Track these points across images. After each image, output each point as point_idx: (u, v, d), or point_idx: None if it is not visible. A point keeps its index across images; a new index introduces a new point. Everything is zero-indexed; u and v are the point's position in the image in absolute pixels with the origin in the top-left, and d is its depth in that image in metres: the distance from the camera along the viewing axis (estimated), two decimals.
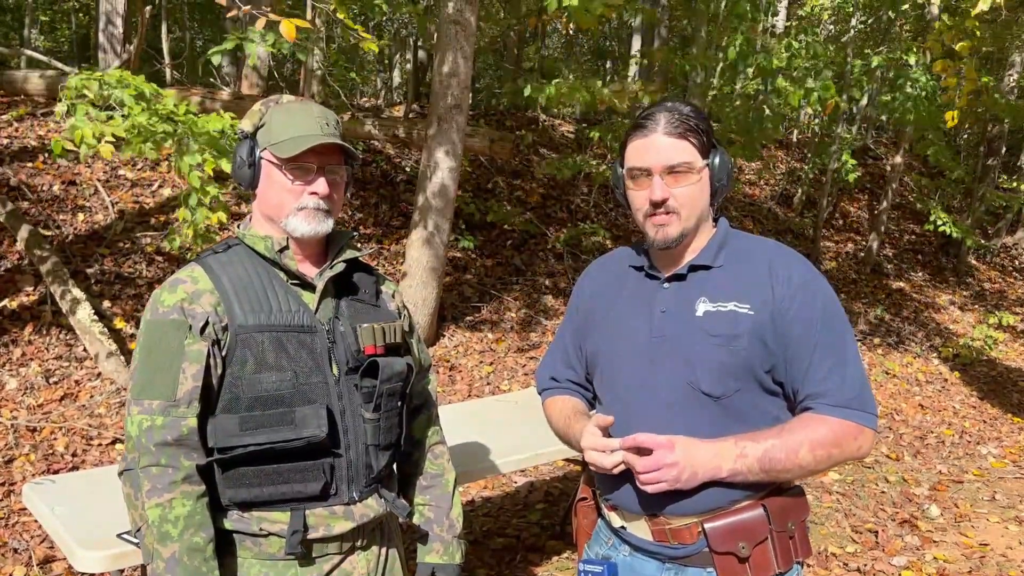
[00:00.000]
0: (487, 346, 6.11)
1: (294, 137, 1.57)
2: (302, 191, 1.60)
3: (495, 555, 3.75)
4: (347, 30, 4.48)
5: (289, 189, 1.60)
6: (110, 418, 4.37)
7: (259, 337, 1.54)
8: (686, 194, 1.55)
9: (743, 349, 1.50)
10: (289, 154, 1.56)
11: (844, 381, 1.51)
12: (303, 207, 1.60)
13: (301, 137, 1.57)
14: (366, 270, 1.77)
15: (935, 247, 11.02)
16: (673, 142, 1.54)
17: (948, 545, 4.16)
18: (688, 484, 1.47)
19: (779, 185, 10.74)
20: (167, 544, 1.45)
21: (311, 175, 1.60)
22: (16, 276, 5.04)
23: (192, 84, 9.51)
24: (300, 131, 1.58)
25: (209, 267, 1.59)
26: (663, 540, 1.57)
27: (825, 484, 4.90)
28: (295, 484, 1.55)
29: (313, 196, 1.60)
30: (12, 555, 3.38)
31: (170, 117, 3.77)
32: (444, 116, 5.52)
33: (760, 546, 1.51)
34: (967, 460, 5.61)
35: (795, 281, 1.53)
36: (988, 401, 7.08)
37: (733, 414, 1.52)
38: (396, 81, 13.32)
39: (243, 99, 6.99)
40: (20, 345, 4.66)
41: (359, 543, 1.66)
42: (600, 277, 1.78)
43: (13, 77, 6.90)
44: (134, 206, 5.93)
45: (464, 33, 5.41)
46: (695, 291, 1.58)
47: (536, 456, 3.06)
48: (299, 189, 1.60)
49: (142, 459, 1.48)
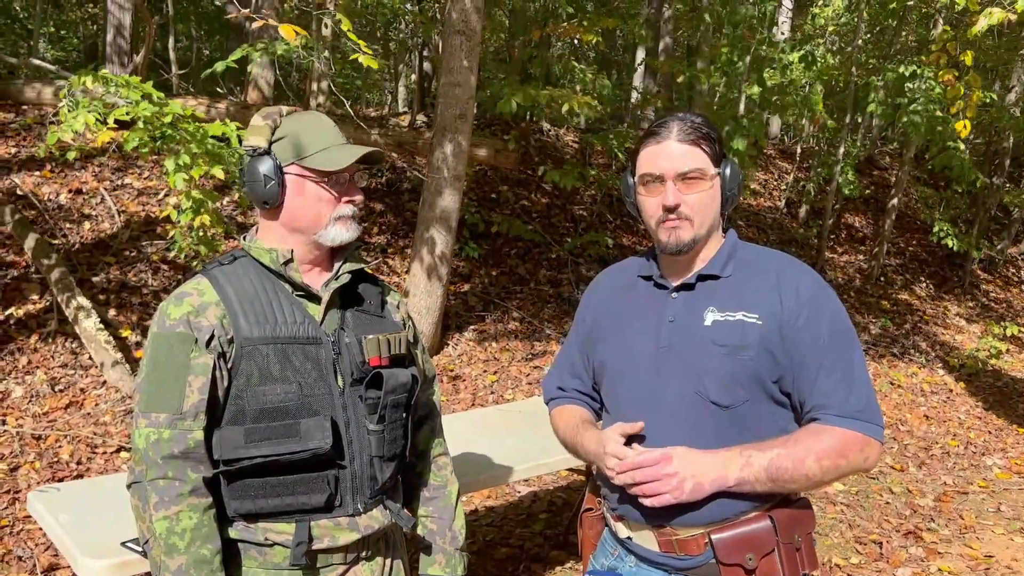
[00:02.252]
0: (491, 355, 6.12)
1: (328, 148, 1.60)
2: (339, 201, 1.63)
3: (498, 565, 3.74)
4: (349, 43, 4.51)
5: (326, 200, 1.62)
6: (115, 426, 4.38)
7: (264, 349, 1.55)
8: (698, 201, 1.56)
9: (751, 359, 1.51)
10: (335, 167, 1.59)
11: (851, 392, 1.51)
12: (341, 216, 1.63)
13: (335, 148, 1.60)
14: (371, 281, 1.77)
15: (940, 258, 11.01)
16: (686, 149, 1.55)
17: (953, 557, 4.15)
18: (695, 495, 1.47)
19: (783, 196, 10.75)
20: (174, 556, 1.45)
21: (345, 185, 1.64)
22: (23, 284, 5.06)
23: (198, 93, 9.56)
24: (327, 142, 1.61)
25: (215, 279, 1.60)
26: (670, 551, 1.57)
27: (829, 495, 4.89)
28: (300, 496, 1.55)
29: (349, 204, 1.64)
30: (16, 563, 3.38)
31: (173, 123, 3.79)
32: (449, 126, 5.54)
33: (767, 558, 1.51)
34: (972, 471, 5.60)
35: (804, 293, 1.54)
36: (994, 412, 7.06)
37: (739, 424, 1.53)
38: (402, 92, 13.38)
39: (248, 108, 7.03)
40: (26, 353, 4.68)
41: (363, 554, 1.66)
42: (609, 287, 1.79)
43: (21, 86, 6.95)
44: (140, 215, 5.95)
45: (469, 44, 5.43)
46: (704, 300, 1.59)
47: (540, 466, 3.06)
48: (334, 199, 1.63)
49: (149, 472, 1.48)
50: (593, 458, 1.65)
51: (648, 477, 1.47)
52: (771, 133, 12.87)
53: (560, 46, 9.83)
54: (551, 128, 9.88)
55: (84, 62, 13.89)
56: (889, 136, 13.89)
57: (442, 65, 5.60)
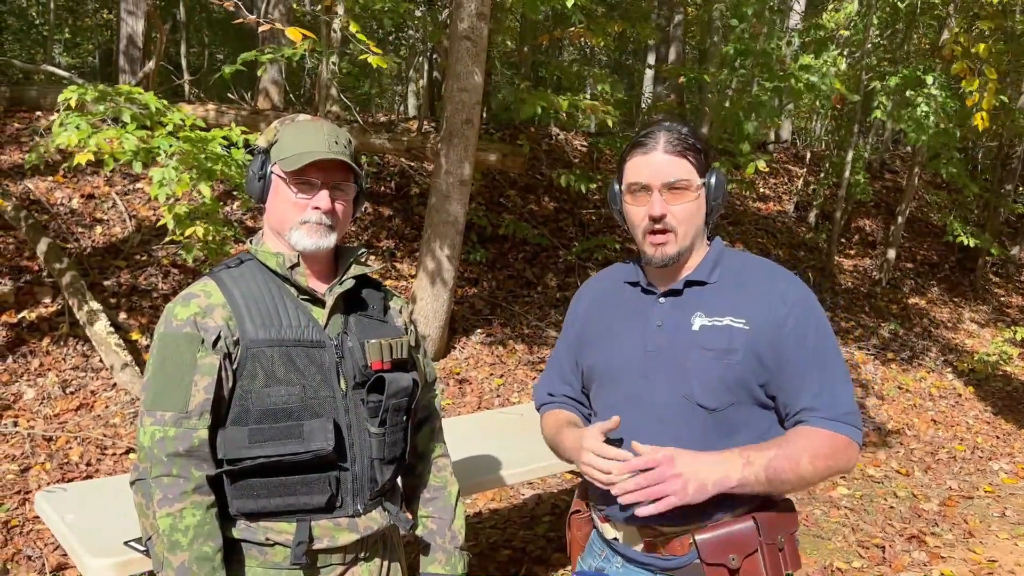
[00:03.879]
0: (497, 359, 6.15)
1: (300, 152, 1.62)
2: (305, 206, 1.64)
3: (501, 567, 3.77)
4: (359, 44, 4.55)
5: (293, 203, 1.64)
6: (124, 428, 4.43)
7: (269, 351, 1.58)
8: (683, 211, 1.58)
9: (738, 363, 1.53)
10: (293, 168, 1.61)
11: (836, 397, 1.55)
12: (305, 221, 1.64)
13: (306, 153, 1.61)
14: (374, 286, 1.80)
15: (952, 262, 10.97)
16: (672, 159, 1.58)
17: (956, 561, 4.15)
18: (697, 497, 1.48)
19: (793, 200, 10.73)
20: (177, 553, 1.49)
21: (315, 190, 1.64)
22: (35, 288, 5.13)
23: (209, 99, 9.64)
24: (306, 147, 1.62)
25: (222, 281, 1.63)
26: (655, 552, 1.59)
27: (833, 499, 4.89)
28: (302, 496, 1.58)
29: (316, 211, 1.64)
30: (26, 562, 3.44)
31: (172, 133, 3.83)
32: (456, 130, 5.58)
33: (750, 558, 1.53)
34: (978, 476, 5.59)
35: (790, 299, 1.57)
36: (1003, 416, 7.04)
37: (725, 428, 1.55)
38: (411, 98, 13.43)
39: (259, 114, 7.09)
40: (38, 356, 4.74)
41: (362, 554, 1.69)
42: (595, 293, 1.82)
43: (35, 93, 7.03)
44: (151, 219, 6.02)
45: (475, 49, 5.48)
46: (691, 306, 1.61)
47: (543, 468, 3.09)
48: (303, 203, 1.64)
49: (154, 469, 1.52)
50: (571, 454, 1.66)
51: (654, 480, 1.47)
52: (781, 137, 12.85)
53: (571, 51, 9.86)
54: (560, 132, 9.91)
55: (100, 69, 14.02)
56: (901, 139, 13.84)
57: (449, 70, 5.64)
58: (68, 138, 3.63)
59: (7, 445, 4.12)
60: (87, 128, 3.69)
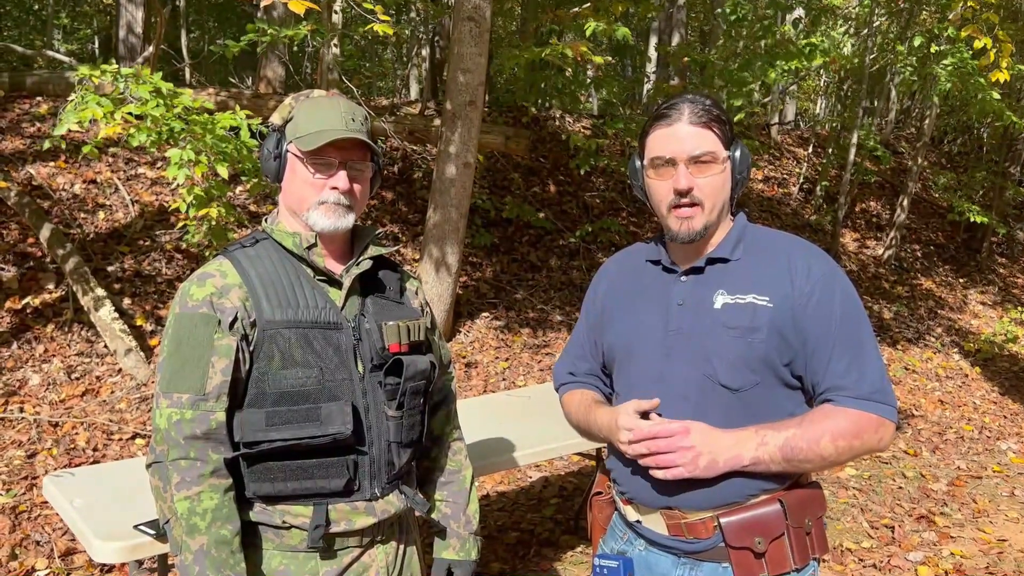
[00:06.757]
0: (502, 342, 6.13)
1: (317, 131, 1.58)
2: (323, 185, 1.60)
3: (509, 549, 3.77)
4: (363, 13, 4.47)
5: (311, 183, 1.60)
6: (130, 413, 4.42)
7: (286, 333, 1.55)
8: (710, 184, 1.54)
9: (761, 342, 1.50)
10: (310, 147, 1.57)
11: (864, 374, 1.50)
12: (323, 201, 1.60)
13: (324, 131, 1.57)
14: (391, 267, 1.77)
15: (958, 243, 10.93)
16: (698, 131, 1.53)
17: (965, 541, 4.14)
18: (708, 472, 1.47)
19: (797, 182, 10.68)
20: (195, 536, 1.47)
21: (333, 170, 1.60)
22: (39, 274, 5.11)
23: (210, 84, 9.58)
24: (323, 125, 1.58)
25: (237, 261, 1.60)
26: (678, 534, 1.56)
27: (842, 480, 4.88)
28: (319, 480, 1.56)
29: (334, 191, 1.60)
30: (35, 547, 3.43)
31: (181, 116, 3.78)
32: (459, 113, 5.54)
33: (776, 541, 1.51)
34: (986, 456, 5.58)
35: (814, 275, 1.53)
36: (1009, 396, 7.03)
37: (749, 408, 1.52)
38: (413, 84, 13.36)
39: (260, 98, 7.05)
40: (43, 342, 4.73)
41: (378, 538, 1.68)
42: (616, 272, 1.78)
43: (35, 78, 6.98)
44: (154, 204, 5.99)
45: (478, 29, 5.42)
46: (713, 284, 1.57)
47: (550, 450, 3.08)
48: (320, 183, 1.60)
49: (171, 452, 1.49)
50: (606, 433, 1.63)
51: (664, 448, 1.46)
52: (786, 118, 12.78)
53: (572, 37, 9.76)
54: (563, 114, 9.85)
55: (100, 54, 13.96)
56: (905, 121, 13.76)
57: (452, 51, 5.59)
58: (93, 111, 3.59)
59: (14, 431, 4.11)
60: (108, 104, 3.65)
